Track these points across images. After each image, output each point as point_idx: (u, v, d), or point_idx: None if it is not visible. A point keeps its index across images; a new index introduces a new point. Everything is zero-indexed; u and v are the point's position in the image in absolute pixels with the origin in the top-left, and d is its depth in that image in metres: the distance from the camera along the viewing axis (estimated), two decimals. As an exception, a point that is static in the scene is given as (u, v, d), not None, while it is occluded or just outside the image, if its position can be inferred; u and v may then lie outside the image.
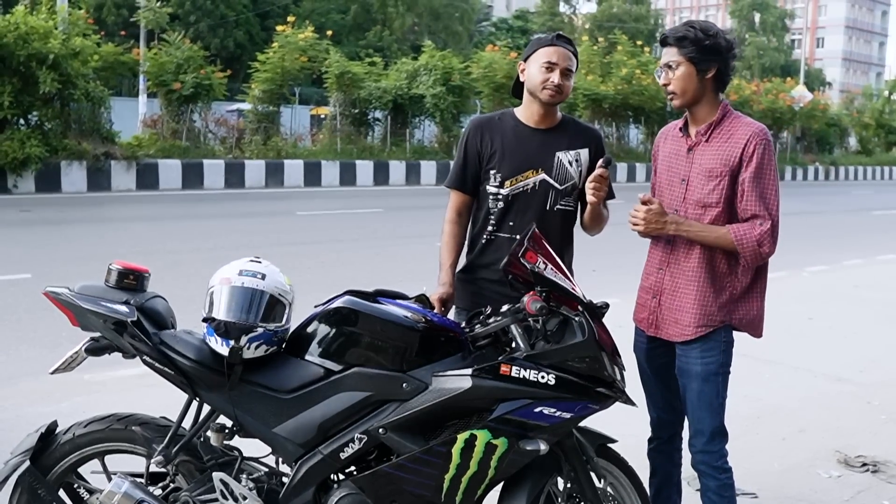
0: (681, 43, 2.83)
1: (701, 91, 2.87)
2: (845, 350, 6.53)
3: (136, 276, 2.70)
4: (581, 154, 3.14)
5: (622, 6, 59.52)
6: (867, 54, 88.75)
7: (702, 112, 2.92)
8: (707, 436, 2.95)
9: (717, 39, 2.83)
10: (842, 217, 16.80)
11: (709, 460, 2.96)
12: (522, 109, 3.17)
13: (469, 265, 3.22)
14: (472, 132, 3.19)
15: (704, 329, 2.90)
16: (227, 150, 18.10)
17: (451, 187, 3.22)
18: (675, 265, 2.96)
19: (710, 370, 2.91)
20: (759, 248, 2.80)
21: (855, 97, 42.01)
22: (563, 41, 3.07)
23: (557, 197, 3.11)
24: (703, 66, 2.84)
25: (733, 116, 2.91)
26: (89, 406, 4.25)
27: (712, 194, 2.86)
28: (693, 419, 2.98)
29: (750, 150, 2.81)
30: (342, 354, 2.63)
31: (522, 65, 3.13)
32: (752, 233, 2.79)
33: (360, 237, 11.34)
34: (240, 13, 40.26)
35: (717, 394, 2.93)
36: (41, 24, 14.18)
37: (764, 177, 2.81)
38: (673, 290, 2.97)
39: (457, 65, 21.24)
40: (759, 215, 2.81)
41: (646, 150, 26.37)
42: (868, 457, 4.36)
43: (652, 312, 3.04)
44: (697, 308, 2.90)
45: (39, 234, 10.42)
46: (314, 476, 2.60)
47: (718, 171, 2.85)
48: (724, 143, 2.86)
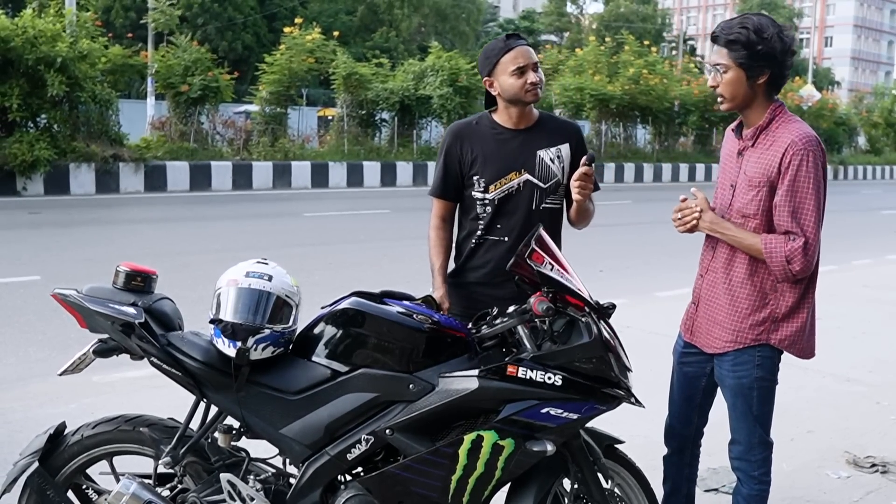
0: (731, 46, 2.65)
1: (751, 96, 2.71)
2: (854, 350, 6.51)
3: (143, 277, 2.71)
4: (562, 150, 3.13)
5: (629, 6, 59.47)
6: (876, 53, 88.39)
7: (752, 115, 2.76)
8: (744, 445, 2.89)
9: (772, 43, 2.63)
10: (851, 216, 16.71)
11: (746, 469, 2.90)
12: (499, 113, 3.14)
13: (458, 270, 3.22)
14: (450, 140, 3.16)
15: (733, 345, 2.80)
16: (234, 151, 18.15)
17: (435, 196, 3.21)
18: (713, 273, 2.86)
19: (742, 384, 2.82)
20: (788, 264, 2.65)
21: (864, 96, 41.89)
22: (513, 39, 3.04)
23: (543, 196, 3.10)
24: (754, 72, 2.66)
25: (782, 120, 2.73)
26: (98, 407, 4.26)
27: (750, 205, 2.73)
28: (731, 427, 2.93)
29: (787, 160, 2.64)
30: (349, 356, 2.64)
31: (489, 80, 3.07)
32: (783, 247, 2.65)
33: (367, 238, 11.35)
34: (247, 15, 40.36)
35: (752, 408, 2.83)
36: (49, 28, 14.24)
37: (799, 191, 2.64)
38: (709, 300, 2.88)
39: (464, 65, 21.24)
40: (791, 231, 2.66)
41: (653, 150, 26.33)
42: (877, 457, 4.34)
43: (690, 318, 2.98)
44: (728, 323, 2.81)
45: (48, 236, 10.46)
46: (321, 477, 2.61)
47: (758, 181, 2.71)
48: (767, 151, 2.71)
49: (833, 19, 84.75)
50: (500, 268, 3.01)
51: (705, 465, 3.49)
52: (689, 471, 3.15)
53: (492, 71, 3.05)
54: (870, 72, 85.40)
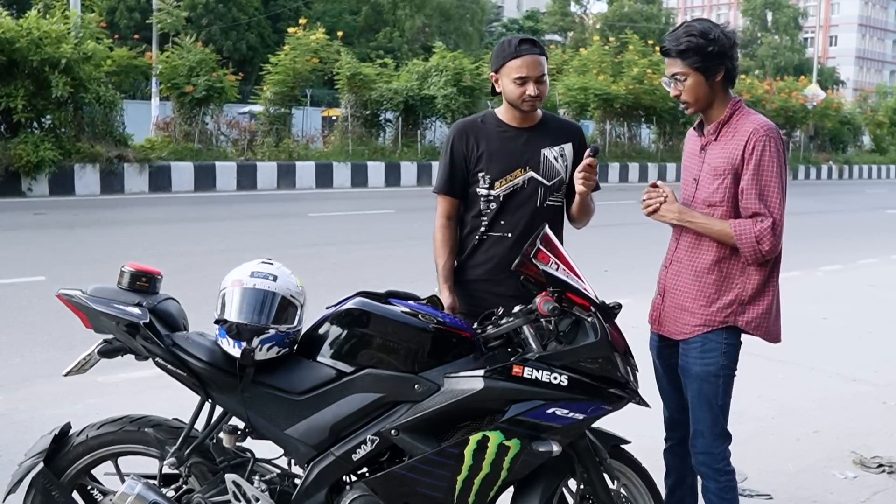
0: (684, 55, 2.81)
1: (712, 94, 2.87)
2: (860, 350, 6.49)
3: (148, 278, 2.71)
4: (565, 148, 3.16)
5: (633, 6, 59.42)
6: (881, 52, 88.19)
7: (713, 113, 2.91)
8: (707, 437, 2.93)
9: (720, 42, 2.79)
10: (856, 216, 16.69)
11: (709, 462, 2.94)
12: (503, 111, 3.16)
13: (460, 266, 3.22)
14: (456, 136, 3.17)
15: (702, 329, 2.89)
16: (238, 152, 18.15)
17: (440, 193, 3.21)
18: (678, 263, 2.97)
19: (709, 371, 2.89)
20: (758, 244, 2.77)
21: (868, 95, 41.72)
22: (526, 46, 3.02)
23: (547, 193, 3.13)
24: (710, 72, 2.82)
25: (742, 114, 2.88)
26: (102, 408, 4.26)
27: (716, 193, 2.85)
28: (693, 419, 2.96)
29: (750, 147, 2.78)
30: (354, 356, 2.63)
31: (495, 76, 3.10)
32: (751, 229, 2.77)
33: (371, 238, 11.35)
34: (251, 16, 40.41)
35: (717, 395, 2.90)
36: (54, 29, 14.27)
37: (764, 174, 2.78)
38: (675, 288, 2.97)
39: (468, 65, 21.24)
40: (759, 213, 2.78)
41: (657, 150, 26.29)
42: (884, 457, 4.32)
43: (656, 309, 3.06)
44: (697, 308, 2.90)
45: (53, 236, 10.47)
46: (326, 477, 2.60)
47: (722, 170, 2.83)
48: (730, 142, 2.85)
49: (838, 18, 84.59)
50: (502, 265, 3.02)
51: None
52: (691, 458, 3.16)
53: (498, 69, 3.08)
54: (874, 71, 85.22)
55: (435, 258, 3.19)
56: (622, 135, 25.63)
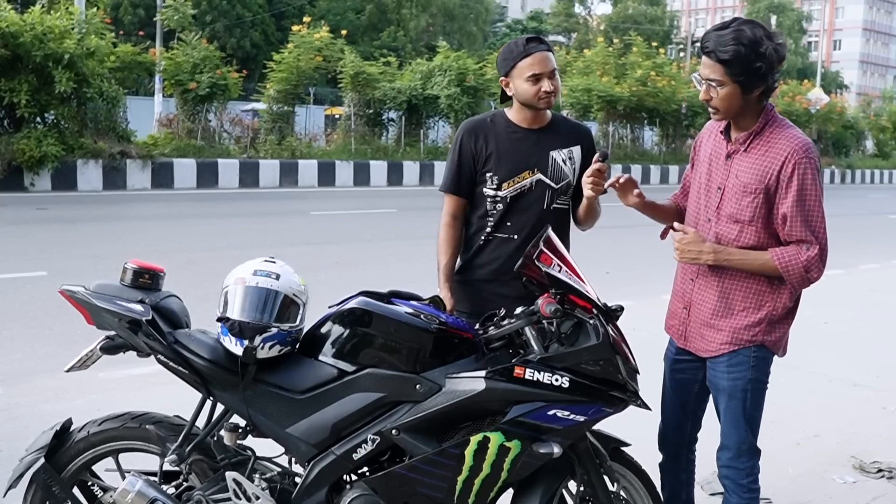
0: (727, 65, 2.58)
1: (746, 106, 2.68)
2: (861, 355, 6.48)
3: (151, 275, 2.72)
4: (574, 151, 3.15)
5: (637, 7, 59.41)
6: (885, 56, 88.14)
7: (744, 121, 2.73)
8: (733, 451, 2.86)
9: (769, 59, 2.57)
10: (858, 220, 16.67)
11: (734, 476, 2.87)
12: (514, 112, 3.16)
13: (465, 266, 3.22)
14: (465, 135, 3.17)
15: (729, 346, 2.79)
16: (241, 149, 18.17)
17: (447, 191, 3.21)
18: (705, 277, 2.83)
19: (736, 386, 2.80)
20: (807, 273, 2.65)
21: (872, 100, 41.73)
22: (534, 44, 3.02)
23: (554, 196, 3.12)
24: (749, 87, 2.62)
25: (776, 125, 2.70)
26: (104, 404, 4.27)
27: (745, 210, 2.70)
28: (721, 432, 2.90)
29: (788, 170, 2.61)
30: (356, 355, 2.63)
31: (505, 80, 3.08)
32: (798, 258, 2.64)
33: (373, 237, 11.35)
34: (256, 13, 40.42)
35: (744, 410, 2.81)
36: (57, 24, 14.28)
37: (808, 199, 2.63)
38: (701, 303, 2.85)
39: (471, 65, 21.26)
40: (805, 240, 2.65)
41: (660, 151, 26.29)
42: (884, 463, 4.32)
43: (682, 323, 2.94)
44: (723, 324, 2.79)
45: (55, 232, 10.48)
46: (327, 476, 2.60)
47: (753, 188, 2.67)
48: (762, 157, 2.67)
49: (842, 22, 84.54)
50: (507, 266, 3.01)
51: (711, 468, 3.48)
52: (686, 476, 3.14)
53: (508, 72, 3.06)
54: (878, 75, 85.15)
55: (437, 256, 3.19)
56: (625, 136, 25.64)
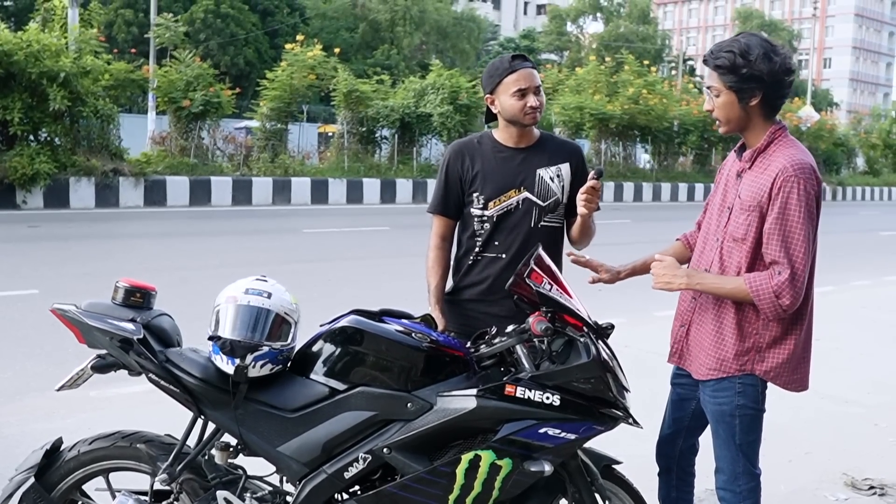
0: (719, 70, 2.62)
1: (746, 118, 2.67)
2: (852, 371, 6.50)
3: (142, 293, 2.72)
4: (562, 169, 3.15)
5: (629, 26, 59.80)
6: (874, 75, 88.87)
7: (751, 137, 2.72)
8: (727, 474, 2.84)
9: (757, 65, 2.57)
10: (849, 237, 16.75)
11: (731, 500, 2.84)
12: (500, 131, 3.17)
13: (455, 287, 3.23)
14: (452, 156, 3.18)
15: (716, 373, 2.76)
16: (234, 167, 18.20)
17: (435, 213, 3.22)
18: (706, 299, 2.80)
19: (723, 410, 2.78)
20: (777, 300, 2.57)
21: (862, 118, 42.01)
22: (518, 61, 3.05)
23: (541, 214, 3.12)
24: (744, 94, 2.62)
25: (780, 145, 2.67)
26: (94, 423, 4.24)
27: (740, 228, 2.68)
28: (715, 454, 2.88)
29: (777, 186, 2.58)
30: (347, 374, 2.63)
31: (490, 97, 3.10)
32: (768, 283, 2.58)
33: (366, 255, 11.35)
34: (249, 31, 40.56)
35: (734, 436, 2.77)
36: (52, 43, 14.32)
37: (789, 219, 2.57)
38: (699, 324, 2.84)
39: (464, 83, 21.35)
40: (778, 262, 2.58)
41: (652, 169, 26.40)
42: (875, 479, 4.33)
43: (678, 341, 2.94)
44: (713, 351, 2.77)
45: (47, 249, 10.46)
46: (318, 495, 2.60)
47: (748, 205, 2.66)
48: (761, 175, 2.65)
49: (832, 41, 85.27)
50: (496, 285, 3.02)
51: (705, 486, 3.48)
52: (676, 493, 3.12)
53: (494, 89, 3.07)
54: (868, 93, 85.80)
55: (427, 278, 3.20)
56: (617, 154, 25.74)
